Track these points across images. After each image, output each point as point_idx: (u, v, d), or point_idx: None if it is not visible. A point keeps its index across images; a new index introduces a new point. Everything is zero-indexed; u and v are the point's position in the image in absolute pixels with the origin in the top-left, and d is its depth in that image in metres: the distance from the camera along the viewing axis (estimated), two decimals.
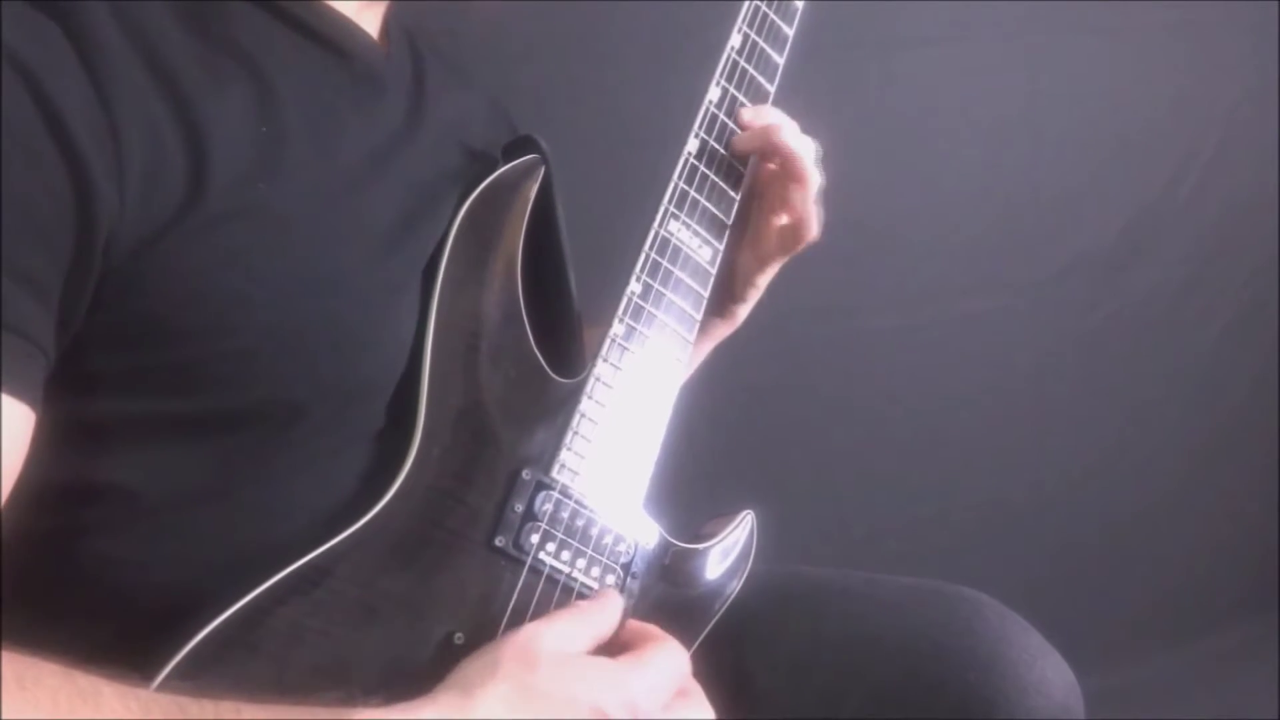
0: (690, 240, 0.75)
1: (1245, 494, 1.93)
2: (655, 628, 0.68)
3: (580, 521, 0.68)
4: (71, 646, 0.49)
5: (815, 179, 0.77)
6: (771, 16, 0.79)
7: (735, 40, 0.77)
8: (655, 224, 0.73)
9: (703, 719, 0.65)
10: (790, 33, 0.81)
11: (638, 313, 0.72)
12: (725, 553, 0.77)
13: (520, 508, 0.65)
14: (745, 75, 0.78)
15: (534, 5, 1.20)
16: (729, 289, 0.83)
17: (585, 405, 0.69)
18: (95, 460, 0.58)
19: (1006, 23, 1.51)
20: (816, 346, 1.48)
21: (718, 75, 0.76)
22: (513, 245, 0.70)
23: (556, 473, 0.67)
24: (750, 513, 0.80)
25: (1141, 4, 1.57)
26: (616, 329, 0.71)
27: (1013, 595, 0.78)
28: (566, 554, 0.67)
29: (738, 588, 0.77)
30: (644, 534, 0.72)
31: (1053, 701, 0.70)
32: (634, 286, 0.72)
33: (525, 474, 0.66)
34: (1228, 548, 1.92)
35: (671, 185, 0.74)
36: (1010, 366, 1.65)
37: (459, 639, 0.62)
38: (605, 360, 0.70)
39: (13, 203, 0.51)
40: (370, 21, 0.72)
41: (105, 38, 0.56)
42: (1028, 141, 1.57)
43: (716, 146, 0.76)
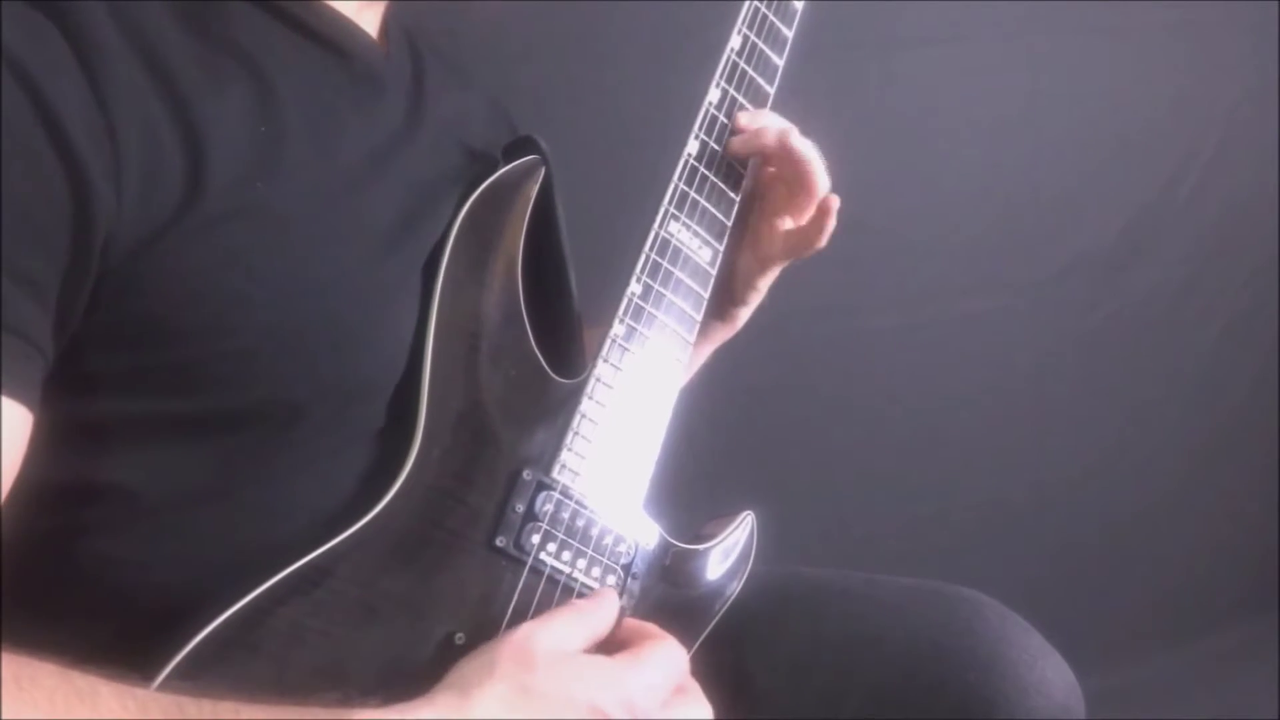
0: (690, 241, 0.75)
1: (1245, 494, 1.93)
2: (652, 626, 0.68)
3: (581, 522, 0.68)
4: (71, 646, 0.49)
5: (824, 185, 0.77)
6: (771, 18, 0.79)
7: (735, 41, 0.77)
8: (655, 225, 0.73)
9: (701, 717, 0.65)
10: (790, 34, 0.81)
11: (638, 313, 0.72)
12: (725, 553, 0.77)
13: (521, 508, 0.65)
14: (745, 77, 0.78)
15: (534, 5, 1.20)
16: (729, 291, 0.83)
17: (586, 406, 0.69)
18: (95, 460, 0.58)
19: (1006, 23, 1.50)
20: (816, 346, 1.47)
21: (717, 77, 0.76)
22: (513, 246, 0.70)
23: (557, 473, 0.67)
24: (750, 513, 0.80)
25: (1141, 4, 1.57)
26: (617, 329, 0.71)
27: (1013, 595, 0.78)
28: (567, 554, 0.67)
29: (738, 588, 0.77)
30: (644, 534, 0.72)
31: (1053, 702, 0.70)
32: (634, 287, 0.72)
33: (526, 474, 0.66)
34: (1228, 548, 1.92)
35: (672, 186, 0.74)
36: (1010, 366, 1.64)
37: (460, 639, 0.62)
38: (605, 361, 0.70)
39: (10, 203, 0.51)
40: (370, 21, 0.72)
41: (103, 38, 0.56)
42: (1028, 141, 1.57)
43: (716, 148, 0.76)
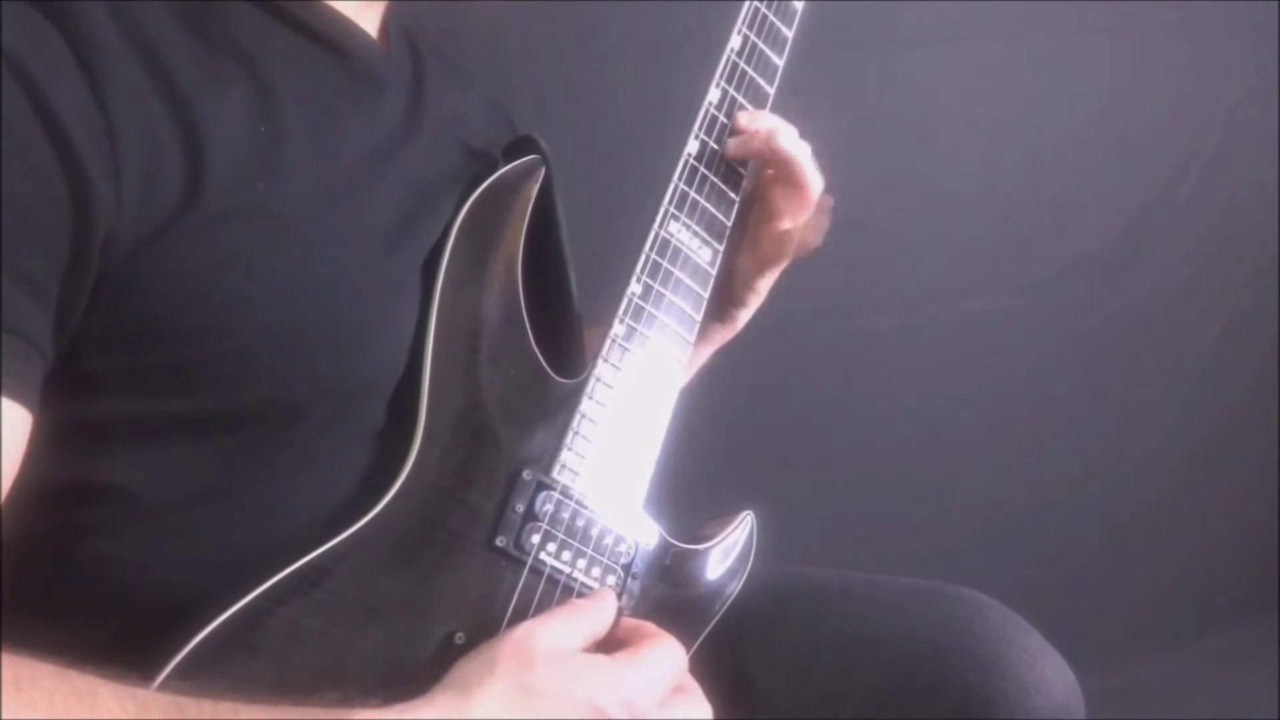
0: (690, 241, 0.75)
1: (1245, 494, 1.93)
2: (651, 625, 0.68)
3: (581, 522, 0.68)
4: (71, 646, 0.49)
5: (816, 185, 0.77)
6: (771, 18, 0.79)
7: (735, 42, 0.77)
8: (655, 225, 0.73)
9: (700, 716, 0.65)
10: (789, 34, 0.81)
11: (638, 313, 0.72)
12: (725, 553, 0.77)
13: (521, 508, 0.65)
14: (745, 77, 0.78)
15: (534, 5, 1.20)
16: (728, 292, 0.83)
17: (586, 405, 0.69)
18: (95, 460, 0.58)
19: (1006, 23, 1.51)
20: (816, 346, 1.47)
21: (717, 77, 0.76)
22: (513, 245, 0.70)
23: (557, 473, 0.67)
24: (750, 513, 0.80)
25: (1141, 4, 1.57)
26: (617, 329, 0.71)
27: (1013, 595, 0.78)
28: (567, 554, 0.67)
29: (737, 588, 0.77)
30: (644, 534, 0.72)
31: (1053, 702, 0.70)
32: (634, 287, 0.72)
33: (526, 474, 0.66)
34: (1228, 548, 1.92)
35: (671, 186, 0.74)
36: (1010, 366, 1.64)
37: (460, 639, 0.62)
38: (606, 360, 0.70)
39: (10, 203, 0.51)
40: (369, 21, 0.72)
41: (103, 37, 0.56)
42: (1028, 141, 1.57)
43: (716, 148, 0.76)
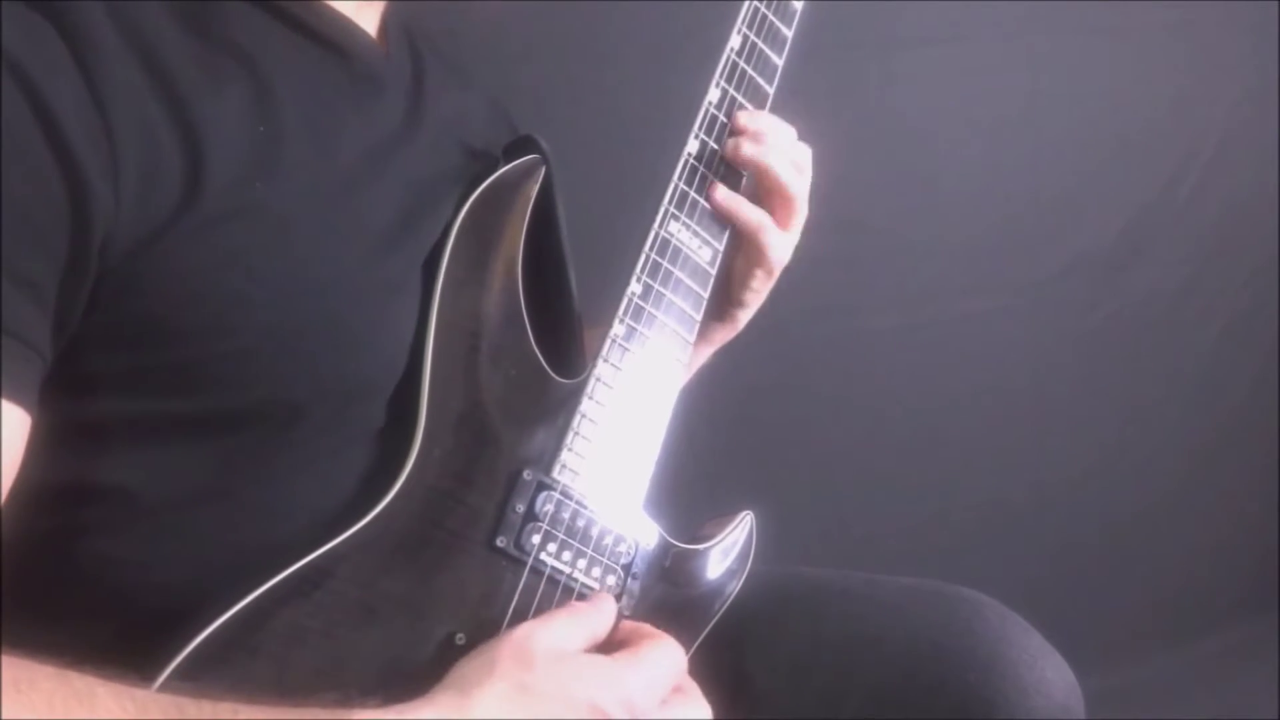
0: (690, 241, 0.74)
1: (1245, 494, 1.93)
2: (650, 626, 0.68)
3: (581, 522, 0.68)
4: (71, 647, 0.49)
5: (794, 188, 0.76)
6: (771, 18, 0.79)
7: (735, 41, 0.77)
8: (655, 224, 0.73)
9: (699, 716, 0.65)
10: (789, 34, 0.81)
11: (638, 313, 0.71)
12: (725, 553, 0.77)
13: (521, 508, 0.65)
14: (745, 76, 0.77)
15: (534, 5, 1.19)
16: (728, 292, 0.82)
17: (586, 405, 0.69)
18: (95, 461, 0.58)
19: (1006, 23, 1.51)
20: (816, 346, 1.47)
21: (717, 77, 0.76)
22: (513, 245, 0.70)
23: (557, 473, 0.67)
24: (750, 513, 0.80)
25: (1141, 4, 1.57)
26: (617, 329, 0.71)
27: (1013, 595, 0.77)
28: (567, 555, 0.67)
29: (737, 588, 0.77)
30: (644, 534, 0.72)
31: (1053, 702, 0.70)
32: (634, 287, 0.72)
33: (526, 474, 0.66)
34: (1228, 548, 1.92)
35: (671, 186, 0.74)
36: (1010, 366, 1.64)
37: (460, 639, 0.62)
38: (606, 360, 0.70)
39: (8, 205, 0.51)
40: (369, 20, 0.72)
41: (101, 37, 0.56)
42: (1028, 141, 1.57)
43: (716, 148, 0.76)
